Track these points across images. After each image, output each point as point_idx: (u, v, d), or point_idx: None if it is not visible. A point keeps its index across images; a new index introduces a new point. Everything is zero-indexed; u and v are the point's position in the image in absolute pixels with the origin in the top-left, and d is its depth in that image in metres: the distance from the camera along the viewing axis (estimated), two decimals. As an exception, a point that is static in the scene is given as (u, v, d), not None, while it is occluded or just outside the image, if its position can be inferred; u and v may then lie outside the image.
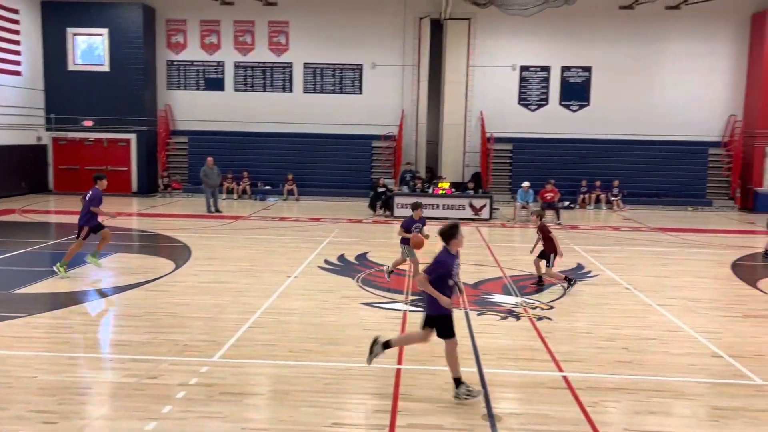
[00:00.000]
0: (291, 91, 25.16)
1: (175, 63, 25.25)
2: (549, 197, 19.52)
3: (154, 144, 24.85)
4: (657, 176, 23.57)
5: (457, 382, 5.94)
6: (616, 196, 22.73)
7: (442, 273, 5.97)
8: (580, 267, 12.21)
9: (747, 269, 12.61)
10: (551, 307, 9.32)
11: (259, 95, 25.17)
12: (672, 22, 23.66)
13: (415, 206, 10.58)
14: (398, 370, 6.66)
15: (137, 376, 6.35)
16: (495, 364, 6.91)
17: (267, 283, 10.40)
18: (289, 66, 25.07)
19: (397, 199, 19.33)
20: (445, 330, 5.99)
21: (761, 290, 10.75)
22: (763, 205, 22.60)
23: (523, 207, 19.39)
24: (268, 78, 25.14)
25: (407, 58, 24.68)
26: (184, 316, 8.52)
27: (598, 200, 22.85)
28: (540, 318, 8.73)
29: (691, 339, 7.94)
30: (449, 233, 6.07)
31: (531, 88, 24.70)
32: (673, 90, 24.08)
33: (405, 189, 20.40)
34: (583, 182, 23.03)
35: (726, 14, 23.28)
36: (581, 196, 22.93)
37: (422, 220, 10.46)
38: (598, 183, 23.03)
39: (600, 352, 7.40)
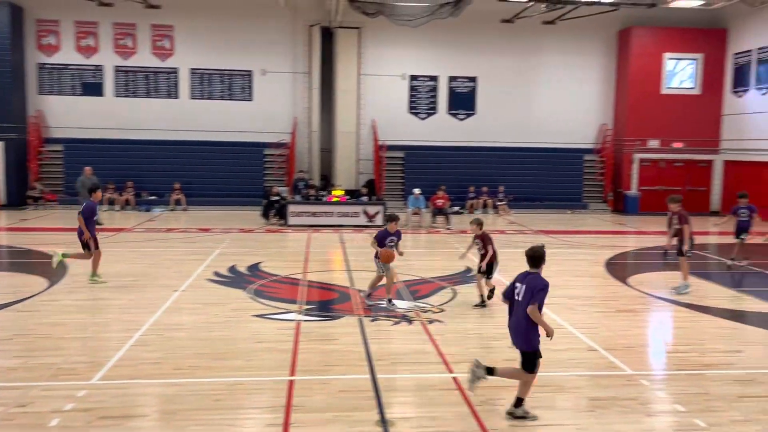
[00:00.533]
0: (177, 97, 24.26)
1: (47, 66, 23.61)
2: (440, 203, 20.06)
3: (25, 152, 23.05)
4: (539, 181, 24.90)
5: (520, 401, 5.77)
6: (501, 201, 23.77)
7: (543, 300, 5.64)
8: (468, 270, 12.61)
9: (619, 267, 13.58)
10: (442, 310, 9.56)
11: (143, 101, 24.07)
12: (549, 36, 25.13)
13: (390, 218, 9.73)
14: (291, 382, 6.56)
15: (4, 405, 5.83)
16: (388, 369, 6.98)
17: (152, 298, 9.92)
18: (174, 71, 24.16)
19: (291, 208, 19.13)
20: (532, 365, 5.71)
21: (631, 286, 11.62)
22: (632, 207, 24.53)
23: (415, 213, 19.81)
24: (152, 83, 24.10)
25: (298, 65, 24.55)
26: (60, 337, 7.94)
27: (485, 205, 23.78)
28: (431, 321, 8.93)
29: (571, 335, 8.42)
30: (543, 256, 5.81)
31: (420, 97, 25.34)
32: (551, 100, 25.59)
33: (299, 197, 20.23)
34: (471, 188, 23.91)
35: (596, 30, 25.06)
36: (469, 201, 23.78)
37: (398, 234, 9.70)
38: (485, 189, 23.97)
39: (488, 351, 7.68)
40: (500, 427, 5.61)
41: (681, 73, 25.17)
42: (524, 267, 10.35)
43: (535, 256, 5.80)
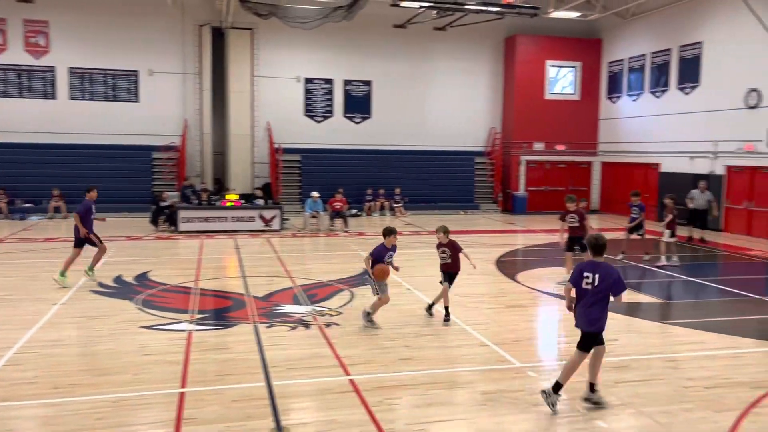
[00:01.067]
0: (54, 97, 22.74)
1: None
2: (338, 206, 20.07)
3: None
4: (433, 183, 25.54)
5: (593, 386, 6.18)
6: (398, 203, 24.16)
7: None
8: (365, 272, 12.68)
9: (508, 264, 14.18)
10: (340, 313, 9.56)
11: (15, 101, 22.37)
12: (440, 42, 25.87)
13: (388, 232, 8.70)
14: (182, 394, 6.30)
15: None
16: (284, 376, 6.87)
17: (27, 313, 9.20)
18: (51, 70, 22.63)
19: (182, 213, 18.44)
20: (588, 345, 6.09)
21: (519, 282, 12.17)
22: (520, 207, 25.70)
23: (313, 216, 19.69)
24: (25, 83, 22.43)
25: (188, 65, 23.75)
26: None
27: (382, 207, 24.08)
28: (329, 324, 8.90)
29: (463, 332, 8.68)
30: (606, 245, 6.17)
31: (316, 100, 25.26)
32: (444, 104, 26.34)
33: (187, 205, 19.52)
34: (369, 191, 24.12)
35: (484, 37, 26.08)
36: (367, 203, 23.98)
37: (393, 248, 8.81)
38: (381, 191, 24.27)
39: (384, 352, 7.75)
40: (397, 427, 5.67)
41: (563, 80, 26.71)
42: (423, 267, 10.42)
43: (600, 245, 6.15)
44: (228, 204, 19.02)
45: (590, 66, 26.51)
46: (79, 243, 11.44)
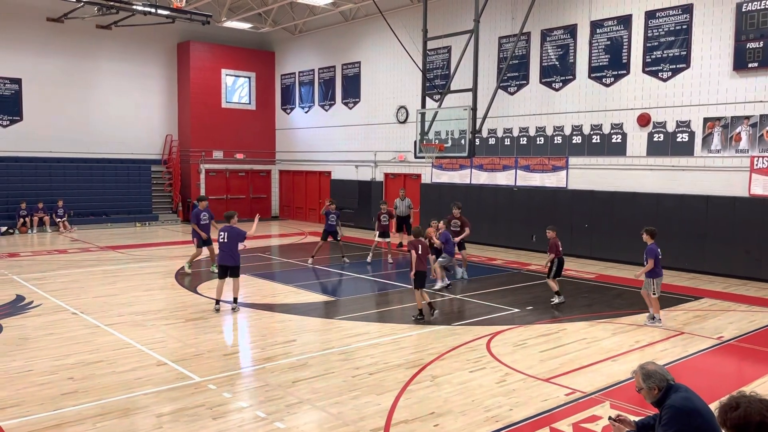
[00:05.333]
0: None
1: None
2: (-20, 224, 17.01)
3: None
4: (104, 194, 23.46)
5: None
6: (61, 217, 21.54)
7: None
8: (20, 299, 11.00)
9: (190, 276, 13.71)
10: (-18, 351, 8.07)
11: None
12: (106, 41, 23.85)
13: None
14: None
15: None
16: None
17: None
18: None
19: None
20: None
21: (201, 294, 11.88)
22: (202, 216, 25.19)
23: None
24: None
25: None
26: None
27: (41, 223, 21.20)
28: (-33, 367, 7.43)
29: (139, 353, 8.10)
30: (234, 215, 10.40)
31: (-54, 97, 21.03)
32: (113, 108, 24.36)
33: None
34: (23, 204, 21.00)
35: (156, 40, 24.90)
36: (21, 219, 20.85)
37: None
38: (40, 204, 21.37)
39: (41, 389, 6.77)
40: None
41: (240, 89, 27.05)
42: (92, 288, 9.44)
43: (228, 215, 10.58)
44: None
45: (264, 77, 27.37)
46: (202, 243, 13.72)
